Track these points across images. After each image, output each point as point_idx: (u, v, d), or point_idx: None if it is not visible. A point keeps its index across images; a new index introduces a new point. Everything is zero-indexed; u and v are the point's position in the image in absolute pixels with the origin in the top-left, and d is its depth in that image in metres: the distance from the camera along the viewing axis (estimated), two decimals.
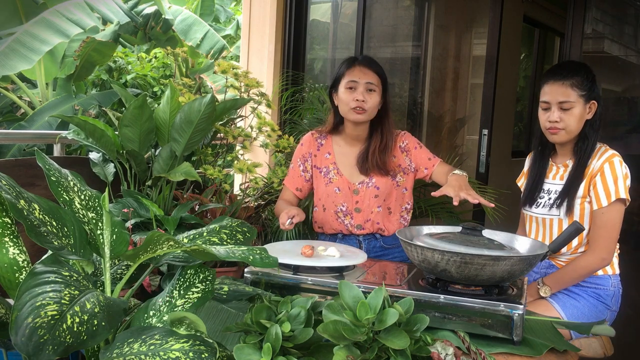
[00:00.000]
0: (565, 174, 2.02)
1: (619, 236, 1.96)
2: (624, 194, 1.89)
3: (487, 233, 1.65)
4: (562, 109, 1.95)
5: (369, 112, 2.15)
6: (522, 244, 1.68)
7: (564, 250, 2.00)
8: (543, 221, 2.04)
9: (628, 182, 1.92)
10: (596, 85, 1.97)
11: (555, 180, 2.05)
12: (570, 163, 2.02)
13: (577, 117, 1.95)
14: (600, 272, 1.98)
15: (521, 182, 2.23)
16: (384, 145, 2.19)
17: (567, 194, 1.97)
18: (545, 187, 2.07)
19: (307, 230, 2.56)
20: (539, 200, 2.06)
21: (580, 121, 1.96)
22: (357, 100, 2.11)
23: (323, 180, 2.24)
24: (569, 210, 1.96)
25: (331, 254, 1.72)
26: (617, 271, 2.01)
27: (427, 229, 1.75)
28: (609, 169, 1.90)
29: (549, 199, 2.03)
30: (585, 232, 1.97)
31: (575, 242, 1.98)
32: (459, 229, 1.61)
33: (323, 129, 2.31)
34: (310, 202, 2.40)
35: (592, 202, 1.93)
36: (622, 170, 1.91)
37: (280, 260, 1.51)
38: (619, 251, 2.04)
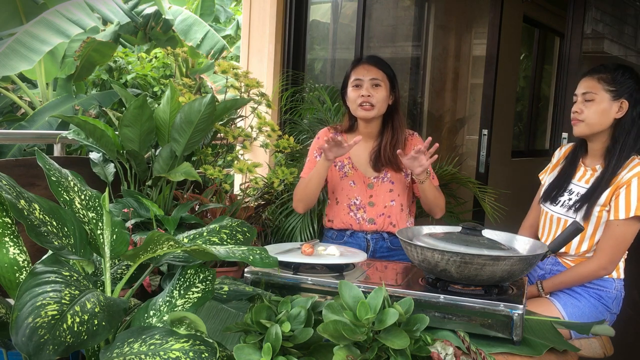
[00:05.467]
0: (591, 179, 1.98)
1: (626, 250, 1.92)
2: None
3: (487, 233, 1.65)
4: (585, 101, 1.95)
5: (377, 107, 2.18)
6: (522, 244, 1.68)
7: (572, 252, 1.99)
8: (558, 220, 2.02)
9: None
10: (636, 86, 1.92)
11: (581, 182, 2.01)
12: (599, 168, 1.98)
13: (598, 111, 1.92)
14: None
15: (543, 176, 2.20)
16: (395, 140, 2.23)
17: (588, 200, 1.93)
18: (570, 187, 2.04)
19: (318, 228, 2.56)
20: (560, 198, 2.03)
21: (603, 116, 1.92)
22: (362, 96, 2.16)
23: (338, 174, 2.27)
24: (587, 216, 1.92)
25: (331, 253, 1.72)
26: (622, 276, 2.00)
27: (427, 229, 1.75)
28: (636, 185, 1.85)
29: (569, 199, 2.00)
30: (597, 239, 1.95)
31: (585, 246, 1.96)
32: (459, 229, 1.61)
33: (338, 127, 2.36)
34: (322, 206, 2.41)
35: (610, 211, 1.90)
36: None
37: (280, 259, 1.51)
38: (626, 256, 2.03)
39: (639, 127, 1.93)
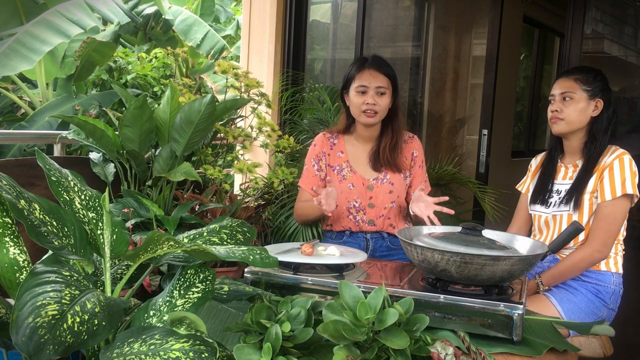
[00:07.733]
0: (574, 174, 2.05)
1: (618, 232, 1.96)
2: (631, 189, 1.91)
3: (487, 233, 1.65)
4: (564, 99, 2.03)
5: (380, 114, 2.19)
6: (522, 244, 1.68)
7: (570, 244, 2.01)
8: (554, 218, 2.06)
9: (636, 179, 1.95)
10: (606, 87, 2.04)
11: (565, 180, 2.08)
12: (579, 163, 2.06)
13: (577, 109, 2.01)
14: (603, 268, 1.99)
15: (522, 187, 2.25)
16: (394, 143, 2.23)
17: (577, 189, 2.00)
18: (555, 187, 2.10)
19: (319, 231, 2.55)
20: (550, 200, 2.09)
21: (582, 114, 2.01)
22: (367, 103, 2.15)
23: (337, 178, 2.26)
24: (578, 205, 1.98)
25: (331, 253, 1.72)
26: (621, 271, 2.02)
27: (427, 229, 1.75)
28: (618, 165, 1.94)
29: (559, 197, 2.06)
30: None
31: (582, 236, 2.00)
32: (459, 229, 1.61)
33: (334, 129, 2.34)
34: None
35: (597, 196, 1.96)
36: (632, 167, 1.95)
37: (280, 259, 1.51)
38: (624, 252, 2.04)
39: (613, 125, 2.04)
